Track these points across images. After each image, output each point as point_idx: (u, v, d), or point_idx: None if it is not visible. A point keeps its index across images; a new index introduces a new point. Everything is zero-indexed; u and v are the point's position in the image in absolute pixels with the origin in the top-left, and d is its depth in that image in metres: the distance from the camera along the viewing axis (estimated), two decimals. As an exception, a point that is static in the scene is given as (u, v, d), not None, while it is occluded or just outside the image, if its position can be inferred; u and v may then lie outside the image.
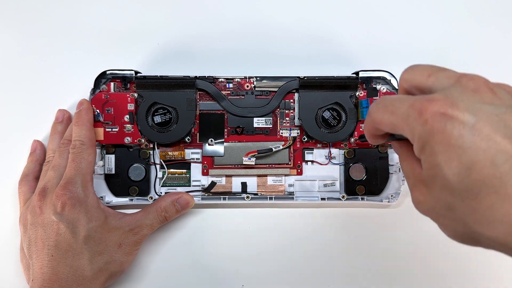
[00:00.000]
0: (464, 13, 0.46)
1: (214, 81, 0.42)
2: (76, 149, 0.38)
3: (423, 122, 0.22)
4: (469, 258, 0.43)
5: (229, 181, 0.43)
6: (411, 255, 0.43)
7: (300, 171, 0.43)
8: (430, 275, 0.43)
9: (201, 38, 0.45)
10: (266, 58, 0.45)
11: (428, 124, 0.22)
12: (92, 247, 0.37)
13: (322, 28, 0.45)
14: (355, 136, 0.42)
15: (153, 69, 0.44)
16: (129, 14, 0.45)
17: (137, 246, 0.40)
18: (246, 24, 0.45)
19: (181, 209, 0.41)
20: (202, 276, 0.42)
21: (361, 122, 0.41)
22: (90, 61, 0.44)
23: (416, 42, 0.45)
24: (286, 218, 0.43)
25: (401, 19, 0.45)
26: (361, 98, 0.41)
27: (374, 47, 0.45)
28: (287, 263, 0.43)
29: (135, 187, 0.42)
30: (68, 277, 0.35)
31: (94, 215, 0.37)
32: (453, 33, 0.45)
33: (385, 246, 0.43)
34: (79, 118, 0.39)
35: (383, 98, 0.26)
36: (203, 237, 0.43)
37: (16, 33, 0.44)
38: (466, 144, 0.21)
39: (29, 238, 0.37)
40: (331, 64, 0.45)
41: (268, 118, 0.42)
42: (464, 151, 0.21)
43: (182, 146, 0.42)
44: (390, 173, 0.42)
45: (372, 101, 0.41)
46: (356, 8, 0.45)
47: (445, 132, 0.22)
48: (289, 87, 0.42)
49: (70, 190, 0.36)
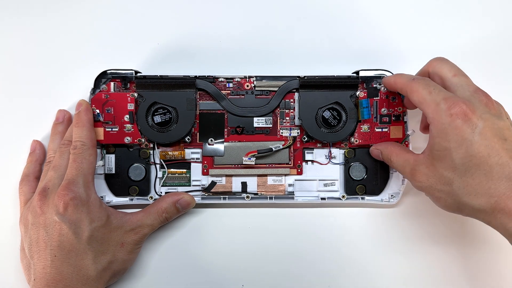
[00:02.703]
0: (464, 13, 0.46)
1: (214, 81, 0.42)
2: (77, 150, 0.38)
3: (449, 114, 0.32)
4: (470, 258, 0.43)
5: (229, 181, 0.43)
6: (411, 255, 0.43)
7: (300, 171, 0.43)
8: (430, 275, 0.43)
9: (201, 38, 0.45)
10: (266, 57, 0.45)
11: (453, 117, 0.31)
12: (96, 247, 0.37)
13: (322, 28, 0.45)
14: (356, 137, 0.42)
15: (153, 69, 0.44)
16: (129, 14, 0.45)
17: (139, 245, 0.40)
18: (246, 24, 0.45)
19: (182, 209, 0.41)
20: (202, 275, 0.42)
21: (361, 124, 0.42)
22: (90, 61, 0.44)
23: (416, 42, 0.45)
24: (286, 218, 0.43)
25: (401, 19, 0.45)
26: (362, 98, 0.41)
27: (374, 47, 0.45)
28: (287, 263, 0.43)
29: (135, 187, 0.42)
30: (73, 276, 0.35)
31: (97, 215, 0.37)
32: (453, 33, 0.45)
33: (385, 246, 0.43)
34: (79, 119, 0.39)
35: (427, 79, 0.35)
36: (203, 237, 0.43)
37: (16, 33, 0.44)
38: (473, 140, 0.31)
39: (30, 238, 0.37)
40: (331, 63, 0.45)
41: (268, 118, 0.42)
42: (471, 144, 0.31)
43: (182, 146, 0.42)
44: (390, 172, 0.42)
45: (372, 101, 0.41)
46: (356, 8, 0.45)
47: (462, 128, 0.31)
48: (289, 87, 0.42)
49: (72, 190, 0.36)
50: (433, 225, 0.43)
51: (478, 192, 0.31)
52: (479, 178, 0.31)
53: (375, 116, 0.41)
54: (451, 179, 0.32)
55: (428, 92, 0.33)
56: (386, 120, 0.41)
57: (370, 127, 0.41)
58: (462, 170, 0.32)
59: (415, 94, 0.34)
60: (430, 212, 0.43)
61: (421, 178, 0.34)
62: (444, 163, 0.32)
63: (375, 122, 0.41)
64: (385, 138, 0.41)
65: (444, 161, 0.32)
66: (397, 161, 0.37)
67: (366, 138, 0.42)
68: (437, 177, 0.33)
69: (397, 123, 0.41)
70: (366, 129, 0.41)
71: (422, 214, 0.43)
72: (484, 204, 0.31)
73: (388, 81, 0.38)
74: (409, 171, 0.35)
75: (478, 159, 0.31)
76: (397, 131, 0.41)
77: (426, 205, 0.43)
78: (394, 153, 0.37)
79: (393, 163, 0.37)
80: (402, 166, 0.36)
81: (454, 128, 0.31)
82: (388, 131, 0.41)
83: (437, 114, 0.32)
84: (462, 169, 0.31)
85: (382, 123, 0.42)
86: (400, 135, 0.41)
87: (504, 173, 0.31)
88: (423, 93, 0.33)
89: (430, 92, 0.33)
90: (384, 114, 0.41)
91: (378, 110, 0.41)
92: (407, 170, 0.36)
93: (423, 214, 0.43)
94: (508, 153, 0.31)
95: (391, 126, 0.41)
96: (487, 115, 0.32)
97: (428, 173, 0.34)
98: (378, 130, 0.41)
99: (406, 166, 0.36)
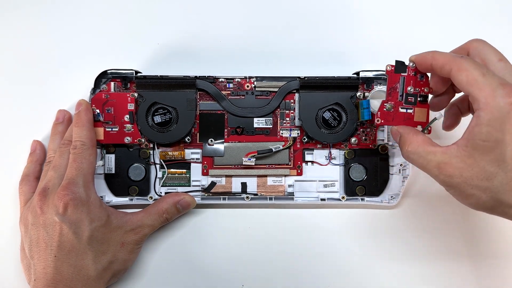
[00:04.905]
0: (463, 14, 0.45)
1: (214, 81, 0.42)
2: (77, 150, 0.38)
3: (509, 103, 0.28)
4: (470, 258, 0.43)
5: (229, 181, 0.43)
6: (411, 255, 0.43)
7: (300, 172, 0.43)
8: (430, 275, 0.43)
9: (201, 38, 0.45)
10: (266, 58, 0.44)
11: (511, 105, 0.27)
12: (96, 247, 0.37)
13: (322, 28, 0.45)
14: (356, 137, 0.42)
15: (153, 69, 0.44)
16: (129, 14, 0.45)
17: (139, 245, 0.40)
18: (246, 24, 0.45)
19: (182, 210, 0.41)
20: (202, 275, 0.42)
21: (362, 127, 0.41)
22: (90, 61, 0.44)
23: (417, 42, 0.45)
24: (286, 218, 0.43)
25: (401, 19, 0.45)
26: (362, 98, 0.41)
27: (374, 47, 0.45)
28: (287, 263, 0.43)
29: (135, 187, 0.42)
30: (73, 277, 0.35)
31: (97, 215, 0.37)
32: (453, 33, 0.45)
33: (385, 247, 0.43)
34: (79, 118, 0.39)
35: (478, 63, 0.30)
36: (203, 237, 0.43)
37: (16, 33, 0.44)
38: None
39: (30, 238, 0.37)
40: (331, 64, 0.45)
41: (268, 119, 0.42)
42: None
43: (182, 146, 0.42)
44: (390, 174, 0.42)
45: (399, 77, 0.37)
46: (357, 8, 0.45)
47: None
48: (289, 88, 0.42)
49: (72, 190, 0.36)
50: (432, 227, 0.43)
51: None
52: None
53: (401, 94, 0.37)
54: (494, 174, 0.29)
55: (482, 74, 0.29)
56: (411, 100, 0.37)
57: (395, 106, 0.36)
58: (510, 165, 0.28)
59: (464, 74, 0.30)
60: (430, 213, 0.43)
61: (453, 172, 0.30)
62: (489, 156, 0.28)
63: (400, 101, 0.37)
64: (409, 121, 0.37)
65: (490, 154, 0.28)
66: (417, 152, 0.32)
67: (388, 118, 0.36)
68: (476, 171, 0.29)
69: (423, 105, 0.37)
70: (389, 108, 0.36)
71: (422, 216, 0.43)
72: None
73: (423, 57, 0.34)
74: (435, 164, 0.31)
75: None
76: (422, 114, 0.37)
77: (426, 207, 0.43)
78: (414, 142, 0.32)
79: (410, 154, 0.33)
80: (425, 159, 0.31)
81: (511, 117, 0.28)
82: (412, 113, 0.37)
83: (494, 100, 0.28)
84: (510, 163, 0.28)
85: (408, 103, 0.37)
86: (424, 119, 0.37)
87: None
88: (475, 74, 0.29)
89: (484, 74, 0.29)
90: (410, 93, 0.36)
91: (404, 88, 0.37)
92: (432, 164, 0.31)
93: (423, 215, 0.43)
94: None
95: (416, 107, 0.37)
96: None
97: (463, 167, 0.29)
98: (402, 110, 0.37)
99: (431, 159, 0.31)
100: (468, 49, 0.33)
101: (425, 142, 0.32)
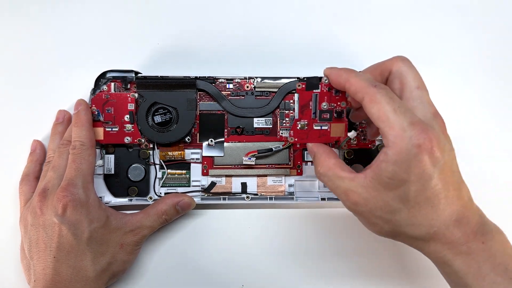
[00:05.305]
0: (463, 13, 0.46)
1: (214, 82, 0.42)
2: (76, 150, 0.38)
3: (417, 145, 0.28)
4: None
5: (229, 181, 0.42)
6: (411, 255, 0.43)
7: (300, 172, 0.43)
8: (430, 275, 0.43)
9: (201, 38, 0.45)
10: (266, 58, 0.44)
11: (420, 149, 0.28)
12: (95, 248, 0.37)
13: (322, 28, 0.45)
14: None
15: (153, 69, 0.44)
16: (129, 14, 0.45)
17: (138, 246, 0.40)
18: (246, 24, 0.45)
19: (182, 211, 0.41)
20: (202, 275, 0.42)
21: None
22: (90, 61, 0.44)
23: (416, 42, 0.45)
24: (286, 218, 0.43)
25: (401, 19, 0.45)
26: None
27: (374, 47, 0.45)
28: (287, 263, 0.43)
29: (135, 187, 0.42)
30: (72, 278, 0.35)
31: (96, 216, 0.37)
32: (453, 33, 0.45)
33: (385, 246, 0.43)
34: (78, 119, 0.39)
35: (388, 89, 0.30)
36: (203, 237, 0.43)
37: (16, 33, 0.44)
38: (433, 175, 0.28)
39: (30, 239, 0.37)
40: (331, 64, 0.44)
41: (268, 119, 0.42)
42: (430, 179, 0.28)
43: (182, 146, 0.42)
44: (390, 174, 0.42)
45: (311, 94, 0.38)
46: (357, 8, 0.45)
47: (426, 162, 0.28)
48: (289, 88, 0.42)
49: (71, 191, 0.36)
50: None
51: (421, 223, 0.29)
52: (426, 210, 0.29)
53: (314, 112, 0.37)
54: (398, 209, 0.29)
55: (393, 110, 0.28)
56: (326, 117, 0.36)
57: (308, 124, 0.37)
58: (412, 203, 0.29)
59: (376, 107, 0.29)
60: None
61: (359, 201, 0.30)
62: (393, 193, 0.29)
63: (314, 118, 0.37)
64: (325, 137, 0.37)
65: (394, 191, 0.29)
66: (327, 175, 0.32)
67: (303, 136, 0.37)
68: (380, 204, 0.29)
69: (339, 121, 0.37)
70: (303, 126, 0.37)
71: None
72: (424, 234, 0.30)
73: (338, 75, 0.33)
74: (343, 190, 0.31)
75: (432, 193, 0.28)
76: (339, 129, 0.36)
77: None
78: (326, 165, 0.32)
79: (321, 176, 0.33)
80: (334, 184, 0.32)
81: (419, 162, 0.28)
82: (328, 129, 0.37)
83: (402, 141, 0.28)
84: (413, 202, 0.29)
85: (322, 119, 0.36)
86: (342, 133, 0.37)
87: (448, 204, 0.29)
88: (387, 109, 0.28)
89: (395, 110, 0.28)
90: (325, 109, 0.37)
91: (318, 105, 0.36)
92: (340, 189, 0.31)
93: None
94: (453, 185, 0.29)
95: (332, 123, 0.37)
96: (447, 146, 0.29)
97: (368, 198, 0.30)
98: (317, 128, 0.37)
99: (339, 185, 0.31)
100: (391, 68, 0.32)
101: (336, 166, 0.32)
